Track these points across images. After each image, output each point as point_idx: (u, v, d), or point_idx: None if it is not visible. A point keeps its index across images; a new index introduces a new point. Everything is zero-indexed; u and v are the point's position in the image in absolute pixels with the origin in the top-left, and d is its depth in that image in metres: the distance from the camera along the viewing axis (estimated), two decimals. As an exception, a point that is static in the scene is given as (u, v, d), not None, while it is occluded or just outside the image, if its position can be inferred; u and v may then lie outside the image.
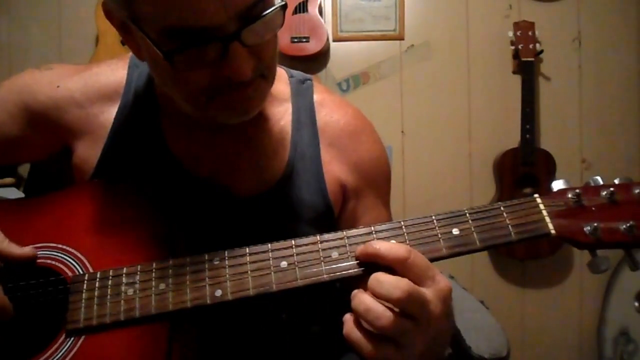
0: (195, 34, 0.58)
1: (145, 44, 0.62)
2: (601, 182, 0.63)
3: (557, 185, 0.63)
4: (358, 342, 0.55)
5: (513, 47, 2.24)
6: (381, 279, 0.54)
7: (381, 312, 0.53)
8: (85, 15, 2.36)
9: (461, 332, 1.77)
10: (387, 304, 0.54)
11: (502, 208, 0.62)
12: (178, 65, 0.61)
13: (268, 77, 0.69)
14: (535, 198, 0.63)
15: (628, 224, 0.59)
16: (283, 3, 0.62)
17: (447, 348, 0.63)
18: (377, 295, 0.54)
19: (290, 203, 0.79)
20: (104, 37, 2.30)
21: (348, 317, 0.56)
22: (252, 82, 0.65)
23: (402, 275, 0.55)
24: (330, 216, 0.81)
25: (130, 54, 0.84)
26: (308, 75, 0.89)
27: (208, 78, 0.63)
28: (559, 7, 2.32)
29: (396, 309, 0.53)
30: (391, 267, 0.56)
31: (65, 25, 2.43)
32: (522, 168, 2.18)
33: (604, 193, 0.61)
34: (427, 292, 0.55)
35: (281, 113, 0.83)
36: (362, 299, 0.54)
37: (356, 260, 0.60)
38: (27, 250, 0.67)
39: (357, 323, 0.55)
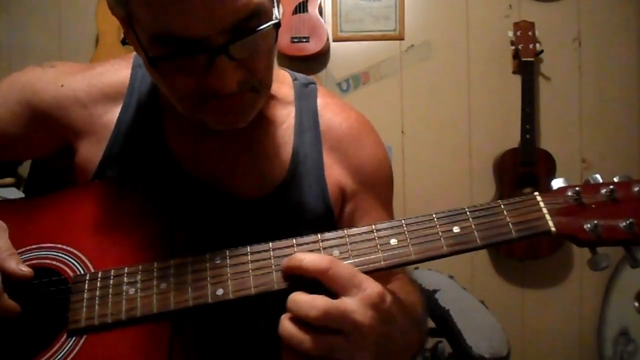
0: (183, 44, 0.58)
1: (139, 46, 0.63)
2: (601, 180, 0.63)
3: (557, 183, 0.63)
4: None
5: (513, 47, 2.24)
6: (297, 299, 0.54)
7: (302, 338, 0.53)
8: (85, 15, 2.36)
9: (461, 332, 1.77)
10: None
11: (502, 206, 0.62)
12: (163, 72, 0.61)
13: (260, 91, 0.69)
14: (536, 196, 0.63)
15: (628, 222, 0.59)
16: (276, 21, 0.62)
17: (413, 352, 0.63)
18: (296, 316, 0.54)
19: (291, 206, 0.79)
20: (104, 37, 2.30)
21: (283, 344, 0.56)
22: (240, 94, 0.65)
23: (328, 286, 0.55)
24: (331, 220, 0.81)
25: (134, 53, 0.84)
26: (312, 79, 0.89)
27: (193, 86, 0.63)
28: (559, 7, 2.33)
29: (319, 328, 0.53)
30: (315, 279, 0.56)
31: (65, 25, 2.43)
32: (522, 168, 2.18)
33: (603, 191, 0.61)
34: (351, 301, 0.54)
35: (284, 116, 0.83)
36: (285, 325, 0.54)
37: (282, 274, 0.60)
38: (25, 270, 0.64)
39: (289, 348, 0.55)
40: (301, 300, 0.54)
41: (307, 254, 0.58)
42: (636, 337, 2.12)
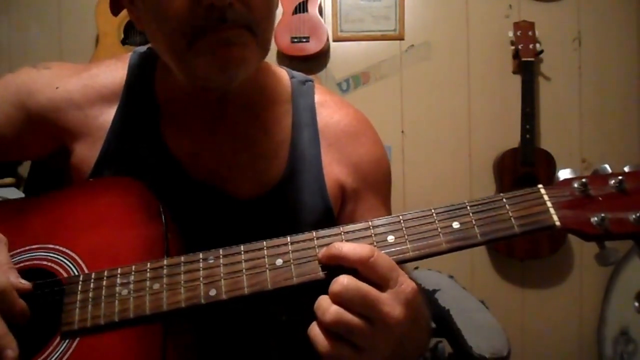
0: None
1: None
2: (609, 171, 0.59)
3: (563, 174, 0.60)
4: (315, 337, 0.55)
5: (513, 47, 2.24)
6: (339, 280, 0.55)
7: (326, 307, 0.54)
8: (85, 15, 2.36)
9: (462, 331, 1.77)
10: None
11: (504, 200, 0.59)
12: None
13: (257, 36, 0.67)
14: (540, 188, 0.59)
15: (638, 214, 0.56)
16: None
17: (419, 354, 0.62)
18: (330, 296, 0.55)
19: (290, 205, 0.79)
20: (104, 37, 2.30)
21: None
22: (236, 28, 0.64)
23: (365, 276, 0.55)
24: (330, 218, 0.80)
25: (130, 53, 0.84)
26: (309, 77, 0.88)
27: (188, 6, 0.62)
28: (559, 7, 2.32)
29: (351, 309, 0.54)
30: (354, 268, 0.56)
31: (65, 25, 2.43)
32: (522, 168, 2.18)
33: (612, 182, 0.58)
34: (385, 294, 0.54)
35: (282, 114, 0.82)
36: (320, 299, 0.56)
37: (319, 263, 0.59)
38: (25, 284, 0.63)
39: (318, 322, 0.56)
40: (341, 281, 0.55)
41: (347, 243, 0.58)
42: (636, 337, 2.12)
